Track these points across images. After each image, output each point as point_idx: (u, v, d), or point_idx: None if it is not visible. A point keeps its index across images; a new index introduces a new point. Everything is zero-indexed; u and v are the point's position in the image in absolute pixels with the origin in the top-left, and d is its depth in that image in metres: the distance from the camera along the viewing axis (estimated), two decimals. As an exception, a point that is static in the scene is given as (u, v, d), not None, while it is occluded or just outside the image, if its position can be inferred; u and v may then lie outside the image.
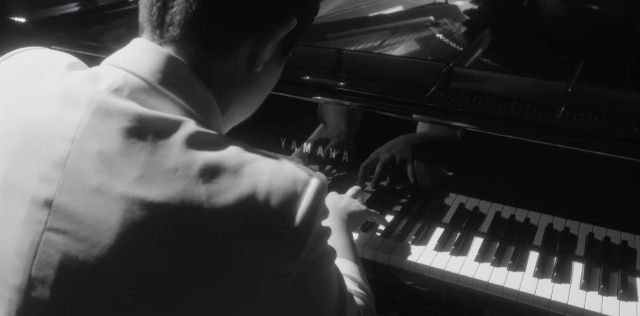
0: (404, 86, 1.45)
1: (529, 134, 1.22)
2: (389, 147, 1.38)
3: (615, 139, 1.17)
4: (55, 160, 0.68)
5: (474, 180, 1.35)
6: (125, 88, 0.70)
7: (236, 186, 0.66)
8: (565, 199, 1.28)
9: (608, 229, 1.25)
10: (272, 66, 0.82)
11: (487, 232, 1.34)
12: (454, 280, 1.23)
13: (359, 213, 1.29)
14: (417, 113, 1.32)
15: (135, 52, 0.74)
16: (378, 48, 1.82)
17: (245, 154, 0.69)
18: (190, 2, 0.72)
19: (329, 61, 1.55)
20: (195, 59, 0.74)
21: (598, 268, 1.24)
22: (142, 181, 0.65)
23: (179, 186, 0.65)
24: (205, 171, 0.66)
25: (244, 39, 0.75)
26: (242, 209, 0.66)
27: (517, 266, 1.24)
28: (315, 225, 0.69)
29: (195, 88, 0.74)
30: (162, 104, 0.71)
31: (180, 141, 0.67)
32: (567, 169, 1.24)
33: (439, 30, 1.96)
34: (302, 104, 1.41)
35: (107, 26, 1.78)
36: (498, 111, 1.30)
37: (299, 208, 0.68)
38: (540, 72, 1.56)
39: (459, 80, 1.47)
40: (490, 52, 1.77)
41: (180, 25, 0.73)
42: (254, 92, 0.83)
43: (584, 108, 1.31)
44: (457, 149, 1.33)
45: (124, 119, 0.67)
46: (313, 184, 0.69)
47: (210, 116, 0.76)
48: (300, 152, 1.46)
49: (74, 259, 0.66)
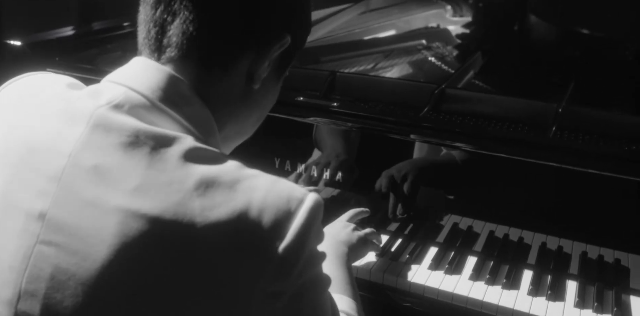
0: (397, 107, 1.46)
1: (521, 153, 1.23)
2: (398, 169, 1.38)
3: (607, 157, 1.19)
4: (51, 174, 0.69)
5: (467, 199, 1.36)
6: (126, 104, 0.71)
7: (230, 201, 0.66)
8: (559, 218, 1.28)
9: (601, 247, 1.26)
10: (270, 84, 0.83)
11: (481, 251, 1.34)
12: (448, 299, 1.22)
13: (361, 246, 1.25)
14: (411, 133, 1.33)
15: (136, 69, 0.76)
16: (371, 71, 1.84)
17: (242, 170, 0.70)
18: (187, 24, 0.74)
19: (323, 83, 1.57)
20: (194, 78, 0.75)
21: (592, 286, 1.24)
22: (137, 193, 0.66)
23: (174, 199, 0.65)
24: (200, 185, 0.66)
25: (241, 58, 0.77)
26: (234, 224, 0.66)
27: (511, 284, 1.24)
28: (308, 245, 0.68)
29: (195, 106, 0.75)
30: (162, 121, 0.72)
31: (177, 156, 0.68)
32: (560, 188, 1.25)
33: (432, 54, 1.99)
34: (296, 124, 1.43)
35: (102, 50, 1.79)
36: (490, 131, 1.31)
37: (291, 227, 0.67)
38: (531, 94, 1.58)
39: (451, 101, 1.48)
40: (482, 74, 1.80)
41: (177, 46, 0.75)
42: (252, 110, 0.84)
43: (575, 128, 1.32)
44: (452, 169, 1.34)
45: (123, 134, 0.68)
46: (307, 203, 0.68)
47: (209, 134, 0.77)
48: (304, 176, 1.47)
49: (65, 272, 0.66)
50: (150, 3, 0.76)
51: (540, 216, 1.30)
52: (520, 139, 1.26)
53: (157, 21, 0.76)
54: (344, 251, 1.18)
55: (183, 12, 0.74)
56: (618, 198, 1.21)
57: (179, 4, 0.74)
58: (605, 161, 1.17)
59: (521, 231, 1.32)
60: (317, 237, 0.71)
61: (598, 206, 1.24)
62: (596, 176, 1.17)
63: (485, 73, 1.81)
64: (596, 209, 1.24)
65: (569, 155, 1.20)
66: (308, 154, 1.46)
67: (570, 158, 1.19)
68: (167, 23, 0.75)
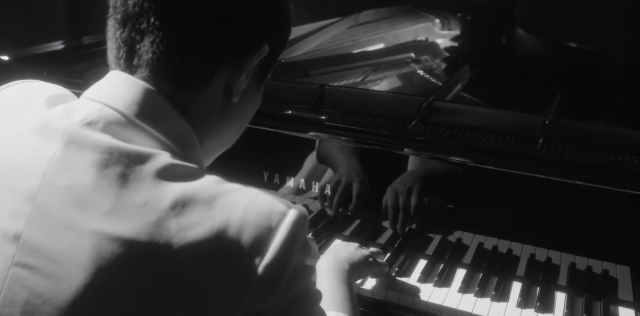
0: (386, 120, 1.47)
1: (508, 165, 1.23)
2: (402, 183, 1.37)
3: (594, 169, 1.19)
4: (26, 194, 0.67)
5: (457, 211, 1.36)
6: (100, 121, 0.68)
7: (208, 219, 0.64)
8: (547, 229, 1.28)
9: (590, 259, 1.26)
10: (249, 94, 0.81)
11: (470, 263, 1.34)
12: (437, 311, 1.22)
13: (363, 264, 1.22)
14: (398, 146, 1.33)
15: (111, 84, 0.73)
16: (360, 84, 1.84)
17: (220, 185, 0.67)
18: (157, 44, 0.71)
19: (312, 96, 1.57)
20: (169, 94, 0.73)
21: (580, 297, 1.24)
22: (111, 215, 0.64)
23: (149, 220, 0.63)
24: (176, 204, 0.64)
25: (217, 73, 0.75)
26: (212, 244, 0.63)
27: (500, 296, 1.24)
28: (291, 261, 0.66)
29: (172, 120, 0.73)
30: (138, 137, 0.70)
31: (151, 174, 0.66)
32: (549, 200, 1.26)
33: (420, 67, 1.99)
34: (284, 138, 1.43)
35: (91, 64, 1.80)
36: (477, 143, 1.32)
37: (271, 244, 0.65)
38: (519, 106, 1.59)
39: (440, 114, 1.49)
40: (470, 87, 1.80)
41: (148, 66, 0.72)
42: (233, 122, 0.82)
43: (562, 140, 1.34)
44: (441, 182, 1.34)
45: (96, 151, 0.66)
46: (290, 218, 0.66)
47: (189, 148, 0.74)
48: (323, 198, 1.46)
49: (40, 296, 0.64)
50: (118, 20, 0.73)
51: (529, 227, 1.30)
52: (508, 151, 1.27)
53: (125, 40, 0.73)
54: (345, 269, 1.15)
55: (152, 31, 0.71)
56: (606, 209, 1.21)
57: (147, 23, 0.71)
58: (593, 173, 1.18)
59: (510, 243, 1.32)
60: (303, 251, 0.69)
61: (586, 218, 1.24)
62: (584, 188, 1.17)
63: (473, 86, 1.82)
64: (584, 220, 1.24)
65: (556, 167, 1.20)
66: (297, 168, 1.46)
67: (557, 169, 1.20)
68: (136, 42, 0.72)
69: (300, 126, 1.41)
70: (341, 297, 1.07)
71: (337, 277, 1.11)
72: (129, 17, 0.72)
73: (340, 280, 1.11)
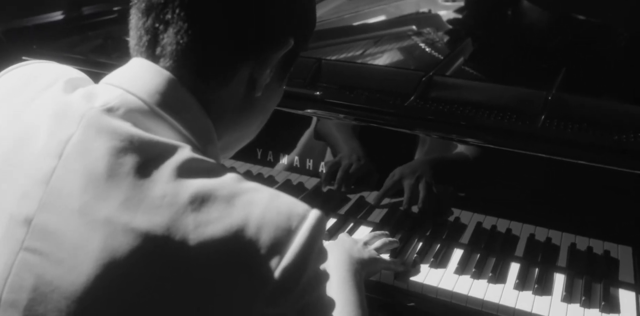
0: (384, 95, 1.43)
1: (509, 143, 1.20)
2: (413, 170, 1.32)
3: (596, 148, 1.15)
4: (39, 176, 0.64)
5: (454, 190, 1.32)
6: (121, 107, 0.67)
7: (226, 216, 0.62)
8: (548, 209, 1.25)
9: (591, 239, 1.23)
10: (272, 89, 0.78)
11: (467, 243, 1.31)
12: (432, 293, 1.20)
13: (374, 263, 1.18)
14: (395, 123, 1.29)
15: (135, 71, 0.71)
16: (360, 57, 1.80)
17: (240, 183, 0.65)
18: (181, 34, 0.69)
19: (308, 71, 1.53)
20: (192, 86, 0.71)
21: (580, 279, 1.21)
22: (127, 205, 0.61)
23: (166, 213, 0.61)
24: (195, 199, 0.62)
25: (241, 67, 0.72)
26: (230, 242, 0.61)
27: (497, 278, 1.21)
28: (309, 266, 0.64)
29: (194, 113, 0.71)
30: (159, 127, 0.68)
31: (172, 167, 0.63)
32: (549, 179, 1.22)
33: (422, 40, 1.95)
34: (278, 114, 1.38)
35: (83, 37, 1.75)
36: (477, 120, 1.28)
37: (290, 246, 0.62)
38: (521, 81, 1.55)
39: (439, 89, 1.46)
40: (472, 61, 1.76)
41: (172, 57, 0.70)
42: (255, 117, 0.80)
43: (564, 117, 1.30)
44: (444, 161, 1.30)
45: (115, 138, 0.64)
46: (310, 221, 0.64)
47: (207, 143, 0.72)
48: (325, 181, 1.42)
49: (48, 284, 0.62)
50: (141, 9, 0.72)
51: (529, 206, 1.26)
52: (508, 129, 1.23)
53: (148, 29, 0.71)
54: (356, 269, 1.10)
55: (177, 22, 0.69)
56: (609, 188, 1.17)
57: (172, 13, 0.69)
58: (595, 152, 1.14)
59: (509, 222, 1.29)
60: (320, 257, 0.67)
61: (588, 197, 1.20)
62: (586, 167, 1.14)
63: (475, 60, 1.77)
64: (586, 199, 1.21)
65: (558, 146, 1.17)
66: (291, 145, 1.42)
67: (558, 148, 1.16)
68: (160, 32, 0.70)
69: (293, 102, 1.37)
70: (353, 302, 1.02)
71: (347, 279, 1.07)
72: (153, 6, 0.70)
73: (351, 282, 1.06)
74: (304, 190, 1.45)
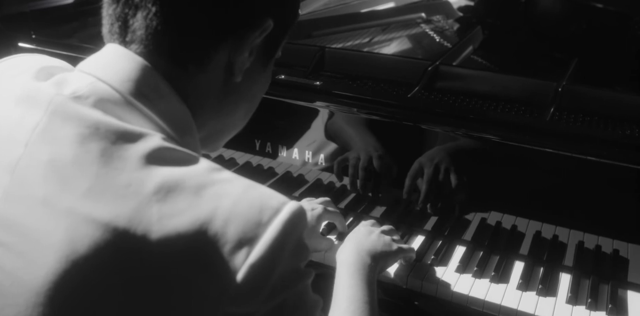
0: (388, 85, 1.39)
1: (514, 138, 1.15)
2: (430, 158, 1.24)
3: (606, 144, 1.10)
4: (4, 165, 0.63)
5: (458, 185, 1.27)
6: (91, 96, 0.64)
7: (193, 208, 0.58)
8: (555, 205, 1.20)
9: (600, 236, 1.17)
10: (255, 73, 0.75)
11: (470, 240, 1.26)
12: (432, 293, 1.15)
13: (388, 255, 1.09)
14: (396, 114, 1.24)
15: (108, 58, 0.69)
16: (367, 45, 1.75)
17: (212, 174, 0.62)
18: (150, 18, 0.67)
19: (311, 59, 1.49)
20: (166, 72, 0.68)
21: (587, 279, 1.16)
22: (90, 195, 0.59)
23: (129, 203, 0.58)
24: (160, 188, 0.59)
25: (217, 50, 0.70)
26: (194, 236, 0.58)
27: (500, 277, 1.16)
28: (280, 264, 0.60)
29: (169, 101, 0.68)
30: (131, 117, 0.65)
31: (139, 155, 0.61)
32: (557, 174, 1.17)
33: (431, 28, 1.89)
34: (277, 104, 1.34)
35: (82, 23, 1.71)
36: (479, 112, 1.23)
37: (259, 241, 0.59)
38: (532, 71, 1.50)
39: (445, 79, 1.41)
40: (482, 49, 1.70)
41: (142, 42, 0.68)
42: (237, 104, 0.77)
43: (575, 109, 1.26)
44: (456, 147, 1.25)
45: (81, 125, 0.62)
46: (284, 214, 0.60)
47: (184, 132, 0.69)
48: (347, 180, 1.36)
49: (8, 276, 0.60)
50: None
51: (536, 202, 1.21)
52: (512, 123, 1.18)
53: (119, 16, 0.68)
54: (366, 263, 1.02)
55: (146, 6, 0.67)
56: (619, 185, 1.12)
57: None
58: (605, 148, 1.09)
59: (515, 218, 1.23)
60: (297, 254, 0.63)
61: (598, 193, 1.15)
62: (597, 162, 1.09)
63: (485, 49, 1.72)
64: (596, 196, 1.15)
65: (566, 141, 1.12)
66: (291, 136, 1.38)
67: (567, 144, 1.11)
68: (130, 17, 0.68)
69: (292, 92, 1.32)
70: (359, 298, 0.95)
71: (356, 273, 1.00)
72: None
73: (360, 277, 0.99)
74: (304, 182, 1.41)
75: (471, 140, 1.19)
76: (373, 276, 1.02)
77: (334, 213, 1.22)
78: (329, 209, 1.20)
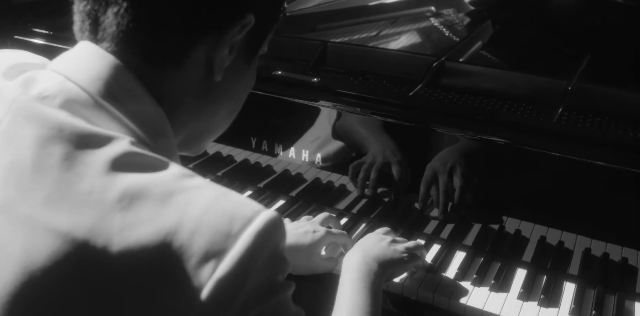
0: (391, 82, 1.34)
1: (519, 140, 1.09)
2: (443, 161, 1.18)
3: (615, 148, 1.05)
4: None
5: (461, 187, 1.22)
6: (59, 96, 0.61)
7: (158, 218, 0.54)
8: (562, 208, 1.14)
9: (608, 243, 1.11)
10: (238, 71, 0.72)
11: (471, 245, 1.21)
12: (428, 300, 1.10)
13: (397, 263, 1.03)
14: (395, 114, 1.19)
15: (78, 56, 0.66)
16: (374, 39, 1.70)
17: (181, 181, 0.57)
18: (121, 15, 0.63)
19: (312, 54, 1.44)
20: (139, 71, 0.65)
21: (592, 289, 1.10)
22: (49, 202, 0.55)
23: (90, 212, 0.54)
24: (124, 196, 0.55)
25: (192, 47, 0.66)
26: (158, 248, 0.53)
27: (500, 286, 1.11)
28: (249, 278, 0.55)
29: (141, 102, 0.64)
30: (99, 118, 0.61)
31: (103, 160, 0.57)
32: (565, 177, 1.11)
33: (440, 21, 1.83)
34: (274, 101, 1.30)
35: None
36: (485, 113, 1.18)
37: (227, 254, 0.54)
38: (542, 68, 1.44)
39: (451, 76, 1.37)
40: (491, 45, 1.64)
41: (114, 40, 0.64)
42: (218, 104, 0.73)
43: (585, 108, 1.19)
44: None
45: (44, 126, 0.58)
46: (256, 224, 0.55)
47: (158, 135, 0.65)
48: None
49: None
50: None
51: (542, 206, 1.15)
52: (515, 123, 1.13)
53: (89, 13, 0.65)
54: (373, 270, 0.97)
55: (115, 2, 0.63)
56: (630, 190, 1.05)
57: None
58: (614, 153, 1.03)
59: (520, 223, 1.18)
60: (272, 266, 0.58)
61: (607, 197, 1.09)
62: (607, 167, 1.03)
63: (494, 44, 1.66)
64: (605, 200, 1.09)
65: (573, 145, 1.06)
66: (288, 134, 1.33)
67: (574, 147, 1.05)
68: (100, 14, 0.64)
69: (289, 89, 1.28)
70: (361, 307, 0.91)
71: (360, 280, 0.95)
72: None
73: (364, 283, 0.94)
74: (303, 181, 1.36)
75: (474, 141, 1.13)
76: (379, 284, 0.97)
77: (339, 235, 1.15)
78: (333, 232, 1.14)
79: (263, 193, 1.41)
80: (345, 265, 0.99)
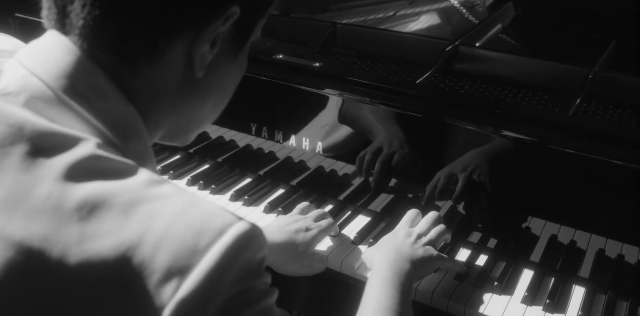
0: (400, 67, 1.27)
1: (531, 133, 1.02)
2: (464, 165, 1.11)
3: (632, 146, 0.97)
4: None
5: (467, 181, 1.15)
6: (22, 93, 0.57)
7: (119, 230, 0.50)
8: (576, 206, 1.07)
9: (624, 244, 1.04)
10: (224, 64, 0.66)
11: (476, 242, 1.14)
12: (426, 301, 1.04)
13: (428, 261, 0.99)
14: (399, 102, 1.12)
15: (44, 48, 0.61)
16: (390, 20, 1.61)
17: (149, 188, 0.53)
18: (89, 7, 0.57)
19: (320, 37, 1.38)
20: (110, 68, 0.60)
21: (603, 294, 1.04)
22: (5, 206, 0.52)
23: (47, 220, 0.51)
24: (84, 205, 0.51)
25: (169, 42, 0.60)
26: (117, 263, 0.49)
27: (504, 288, 1.05)
28: (217, 297, 0.51)
29: (111, 100, 0.60)
30: (64, 118, 0.57)
31: (65, 164, 0.53)
32: (578, 173, 1.04)
33: (460, 2, 1.74)
34: (274, 86, 1.24)
35: None
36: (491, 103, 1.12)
37: (192, 272, 0.49)
38: (564, 54, 1.35)
39: (465, 61, 1.30)
40: (512, 28, 1.56)
41: (82, 34, 0.59)
42: (202, 100, 0.68)
43: (605, 98, 1.12)
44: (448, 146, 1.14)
45: (3, 123, 0.54)
46: (227, 238, 0.51)
47: (129, 136, 0.61)
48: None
49: None
50: None
51: (554, 202, 1.08)
52: (530, 117, 1.06)
53: (56, 1, 0.60)
54: (404, 269, 0.93)
55: None
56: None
57: None
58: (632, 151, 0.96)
59: (531, 219, 1.11)
60: (248, 281, 0.53)
61: (623, 195, 1.02)
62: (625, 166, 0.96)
63: (515, 27, 1.57)
64: (622, 199, 1.02)
65: (590, 142, 0.99)
66: (289, 121, 1.27)
67: (590, 144, 0.98)
68: (67, 3, 0.58)
69: (291, 74, 1.21)
70: (388, 307, 0.87)
71: (390, 279, 0.91)
72: None
73: (393, 283, 0.91)
74: (306, 170, 1.30)
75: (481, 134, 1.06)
76: (409, 284, 0.93)
77: (330, 228, 1.11)
78: (325, 227, 1.09)
79: (263, 180, 1.35)
80: (375, 262, 0.96)
